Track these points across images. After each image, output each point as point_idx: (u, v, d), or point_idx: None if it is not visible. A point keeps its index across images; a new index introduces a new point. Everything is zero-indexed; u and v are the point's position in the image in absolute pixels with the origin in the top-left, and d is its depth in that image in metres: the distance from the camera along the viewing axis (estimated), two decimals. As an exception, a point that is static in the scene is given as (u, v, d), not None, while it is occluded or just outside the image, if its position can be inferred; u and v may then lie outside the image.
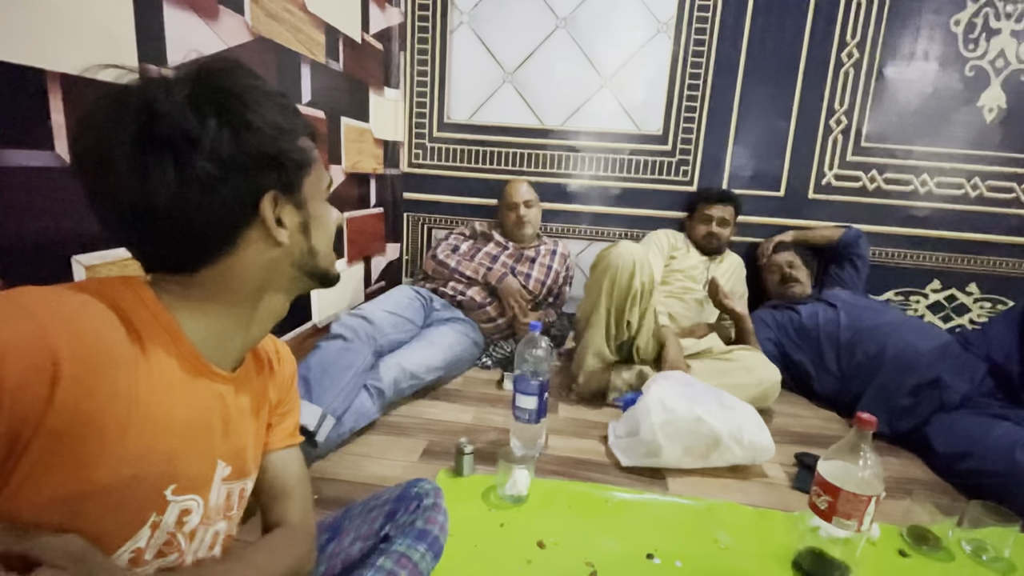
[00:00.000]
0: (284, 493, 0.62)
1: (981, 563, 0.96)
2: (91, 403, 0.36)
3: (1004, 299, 2.14)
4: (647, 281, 1.48)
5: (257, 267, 0.49)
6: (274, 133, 0.46)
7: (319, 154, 0.53)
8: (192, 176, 0.42)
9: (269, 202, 0.47)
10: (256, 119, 0.44)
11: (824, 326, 1.69)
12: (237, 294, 0.49)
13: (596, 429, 1.39)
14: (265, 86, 0.48)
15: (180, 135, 0.41)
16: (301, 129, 0.50)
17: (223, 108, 0.43)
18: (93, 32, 0.79)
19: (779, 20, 2.00)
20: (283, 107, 0.48)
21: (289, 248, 0.50)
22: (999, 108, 1.99)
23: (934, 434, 1.34)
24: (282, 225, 0.49)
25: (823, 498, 0.84)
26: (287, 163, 0.47)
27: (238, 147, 0.43)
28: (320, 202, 0.53)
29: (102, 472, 0.38)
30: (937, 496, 1.07)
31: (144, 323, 0.43)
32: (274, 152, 0.46)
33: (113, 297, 0.41)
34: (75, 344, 0.35)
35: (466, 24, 2.10)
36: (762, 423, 1.21)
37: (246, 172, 0.45)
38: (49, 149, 0.74)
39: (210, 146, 0.42)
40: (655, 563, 0.90)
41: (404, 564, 0.62)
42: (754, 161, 2.12)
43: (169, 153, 0.41)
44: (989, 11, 1.93)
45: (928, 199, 2.09)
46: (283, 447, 0.63)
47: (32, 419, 0.33)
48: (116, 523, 0.41)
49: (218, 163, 0.43)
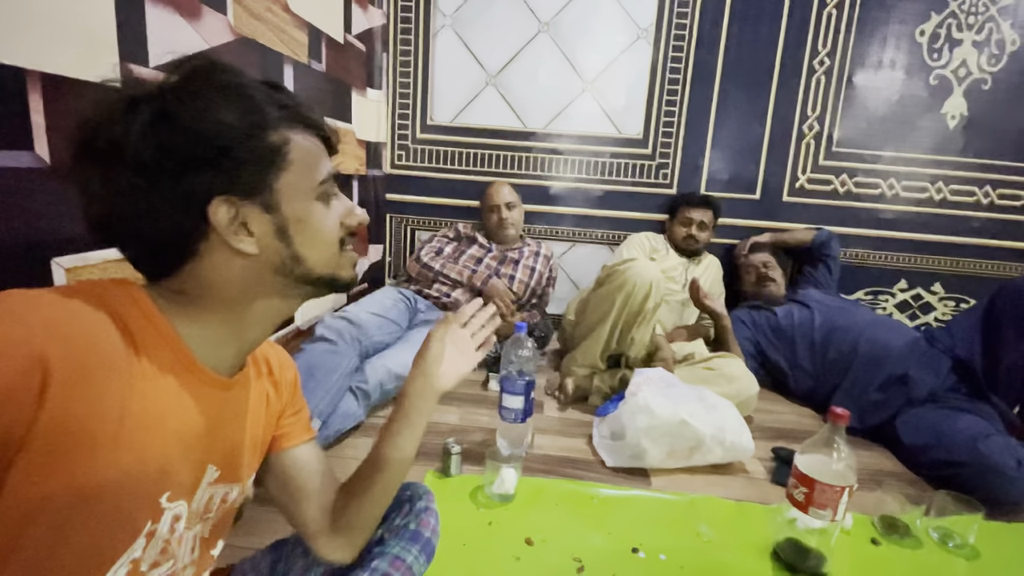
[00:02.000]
0: (310, 488, 0.62)
1: (948, 549, 1.01)
2: (82, 409, 0.35)
3: (967, 298, 2.24)
4: (659, 302, 1.52)
5: (230, 275, 0.46)
6: (214, 132, 0.42)
7: (310, 145, 0.49)
8: (119, 187, 0.40)
9: (221, 207, 0.43)
10: (191, 120, 0.41)
11: (799, 326, 1.75)
12: (221, 300, 0.47)
13: (581, 428, 1.41)
14: (235, 80, 0.44)
15: (105, 143, 0.40)
16: (276, 123, 0.45)
17: (158, 111, 0.41)
18: (74, 31, 0.78)
19: (754, 28, 2.06)
20: (245, 102, 0.44)
21: (263, 256, 0.46)
22: (961, 115, 2.09)
23: (902, 427, 1.39)
24: (249, 232, 0.45)
25: (800, 490, 0.87)
26: (235, 164, 0.43)
27: (165, 152, 0.40)
28: (304, 201, 0.48)
29: (94, 480, 0.37)
30: (906, 487, 1.12)
31: (139, 326, 0.41)
32: (211, 154, 0.42)
33: (107, 300, 0.40)
34: (65, 348, 0.34)
35: (449, 26, 2.11)
36: (743, 423, 1.25)
37: (176, 178, 0.41)
38: (29, 149, 0.72)
39: (133, 153, 0.40)
40: (640, 557, 0.92)
41: (398, 566, 0.62)
42: (731, 165, 2.18)
43: (97, 163, 0.40)
44: (952, 22, 2.02)
45: (895, 202, 2.17)
46: (300, 443, 0.63)
47: (20, 425, 0.32)
48: (112, 534, 0.40)
49: (142, 171, 0.40)
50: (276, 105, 0.46)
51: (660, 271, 1.98)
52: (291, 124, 0.47)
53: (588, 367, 1.58)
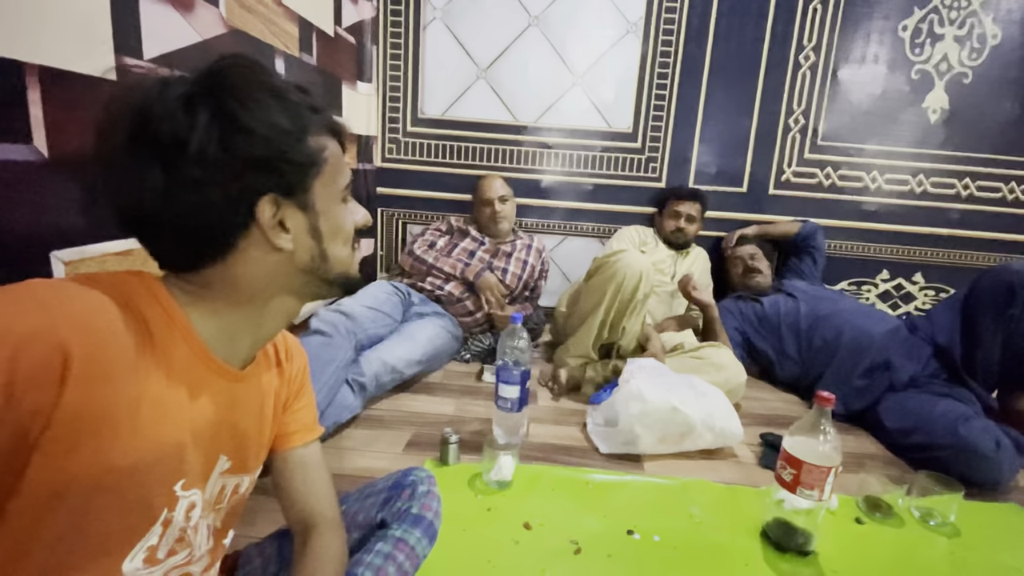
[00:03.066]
0: (310, 488, 0.63)
1: (929, 528, 1.05)
2: (101, 398, 0.36)
3: (946, 287, 2.31)
4: (649, 291, 1.54)
5: (261, 270, 0.48)
6: (270, 134, 0.44)
7: (338, 150, 0.51)
8: (179, 179, 0.41)
9: (267, 206, 0.45)
10: (250, 120, 0.43)
11: (785, 316, 1.79)
12: (244, 294, 0.48)
13: (575, 416, 1.44)
14: (277, 83, 0.46)
15: (168, 137, 0.41)
16: (313, 127, 0.48)
17: (216, 109, 0.42)
18: (70, 24, 0.77)
19: (741, 22, 2.08)
20: (290, 105, 0.46)
21: (296, 253, 0.48)
22: (942, 109, 2.14)
23: (885, 412, 1.44)
24: (285, 229, 0.47)
25: (788, 471, 0.91)
26: (285, 166, 0.45)
27: (227, 150, 0.42)
28: (334, 203, 0.51)
29: (114, 465, 0.38)
30: (889, 469, 1.17)
31: (156, 318, 0.42)
32: (269, 155, 0.44)
33: (125, 292, 0.41)
34: (86, 339, 0.35)
35: (439, 19, 2.11)
36: (732, 409, 1.28)
37: (236, 175, 0.43)
38: (27, 143, 0.72)
39: (197, 149, 0.41)
40: (635, 538, 0.95)
41: (402, 548, 0.64)
42: (718, 158, 2.21)
43: (158, 155, 0.41)
44: (934, 17, 2.07)
45: (878, 195, 2.22)
46: (303, 443, 0.64)
47: (42, 414, 0.33)
48: (130, 521, 0.41)
49: (205, 166, 0.42)
50: (310, 109, 0.48)
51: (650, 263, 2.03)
52: (323, 129, 0.49)
53: (581, 357, 1.61)
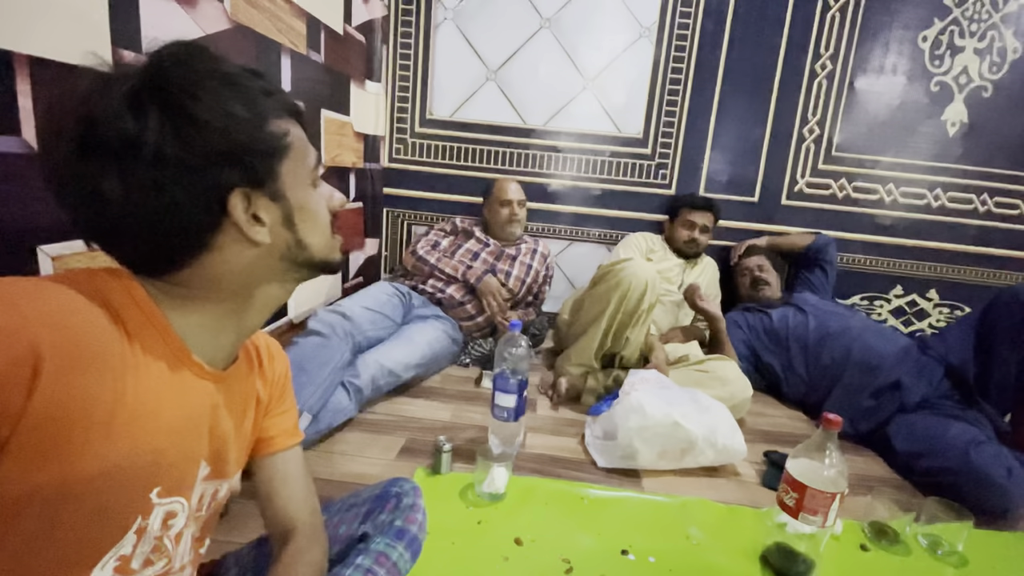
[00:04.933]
0: (289, 494, 0.61)
1: (936, 557, 1.01)
2: (74, 399, 0.35)
3: (962, 305, 2.25)
4: (655, 302, 1.51)
5: (240, 265, 0.46)
6: (228, 125, 0.41)
7: (300, 132, 0.49)
8: (138, 184, 0.39)
9: (239, 200, 0.43)
10: (203, 112, 0.40)
11: (793, 330, 1.74)
12: (226, 291, 0.47)
13: (573, 427, 1.41)
14: (226, 69, 0.43)
15: (118, 141, 0.38)
16: (272, 112, 0.45)
17: (165, 104, 0.39)
18: (64, 13, 0.76)
19: (757, 29, 2.05)
20: (244, 91, 0.43)
21: (272, 244, 0.47)
22: (961, 123, 2.09)
23: (894, 434, 1.40)
24: (260, 222, 0.45)
25: (791, 495, 0.87)
26: (249, 156, 0.43)
27: (184, 147, 0.40)
28: (304, 188, 0.49)
29: (84, 472, 0.36)
30: (896, 493, 1.12)
31: (132, 318, 0.41)
32: (230, 147, 0.42)
33: (101, 290, 0.40)
34: (58, 338, 0.34)
35: (450, 20, 2.09)
36: (735, 425, 1.25)
37: (199, 172, 0.41)
38: (15, 134, 0.71)
39: (152, 150, 0.39)
40: (630, 559, 0.92)
41: (383, 562, 0.61)
42: (730, 166, 2.17)
43: (111, 162, 0.38)
44: (955, 29, 2.02)
45: (893, 208, 2.17)
46: (284, 448, 0.62)
47: (11, 414, 0.32)
48: (99, 529, 0.39)
49: (163, 167, 0.39)
50: (264, 93, 0.45)
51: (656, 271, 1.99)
52: (282, 112, 0.47)
53: (582, 366, 1.58)
